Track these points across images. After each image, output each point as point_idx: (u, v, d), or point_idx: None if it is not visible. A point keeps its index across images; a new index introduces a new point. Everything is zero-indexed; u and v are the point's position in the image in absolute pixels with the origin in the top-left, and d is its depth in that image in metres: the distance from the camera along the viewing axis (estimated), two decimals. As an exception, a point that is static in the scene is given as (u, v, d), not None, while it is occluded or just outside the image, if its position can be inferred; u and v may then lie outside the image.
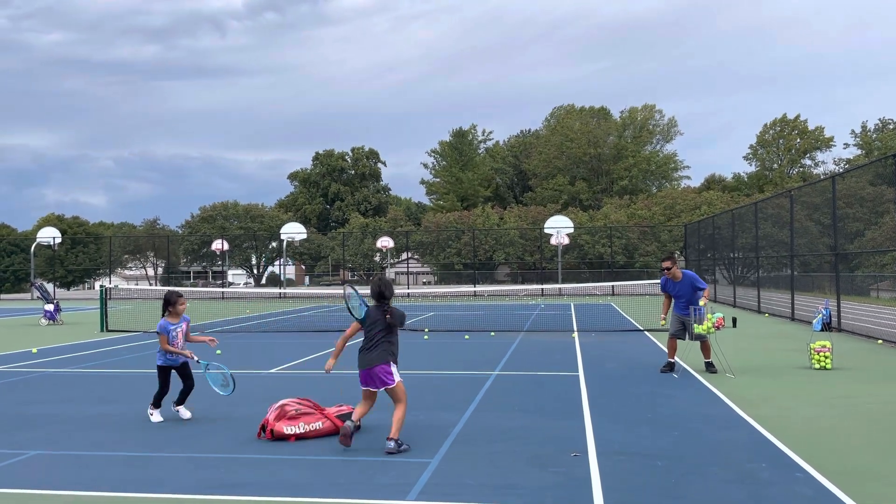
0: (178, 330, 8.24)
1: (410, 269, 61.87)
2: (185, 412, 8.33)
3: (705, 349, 11.34)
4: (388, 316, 6.96)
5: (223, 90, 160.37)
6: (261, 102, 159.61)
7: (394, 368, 6.88)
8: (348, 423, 6.83)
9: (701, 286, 11.18)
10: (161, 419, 8.15)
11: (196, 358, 8.19)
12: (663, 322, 11.67)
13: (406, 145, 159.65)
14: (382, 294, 7.10)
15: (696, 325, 10.99)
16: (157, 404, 8.30)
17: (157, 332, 8.17)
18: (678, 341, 11.53)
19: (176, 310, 8.27)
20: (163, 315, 8.27)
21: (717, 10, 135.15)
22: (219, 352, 14.69)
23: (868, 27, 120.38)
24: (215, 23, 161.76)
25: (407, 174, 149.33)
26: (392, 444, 6.65)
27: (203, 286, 72.41)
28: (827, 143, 72.32)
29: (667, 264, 11.30)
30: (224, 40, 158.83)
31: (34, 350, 15.57)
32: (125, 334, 19.17)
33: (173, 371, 8.37)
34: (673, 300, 11.52)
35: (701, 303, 11.00)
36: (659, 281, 11.88)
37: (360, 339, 7.08)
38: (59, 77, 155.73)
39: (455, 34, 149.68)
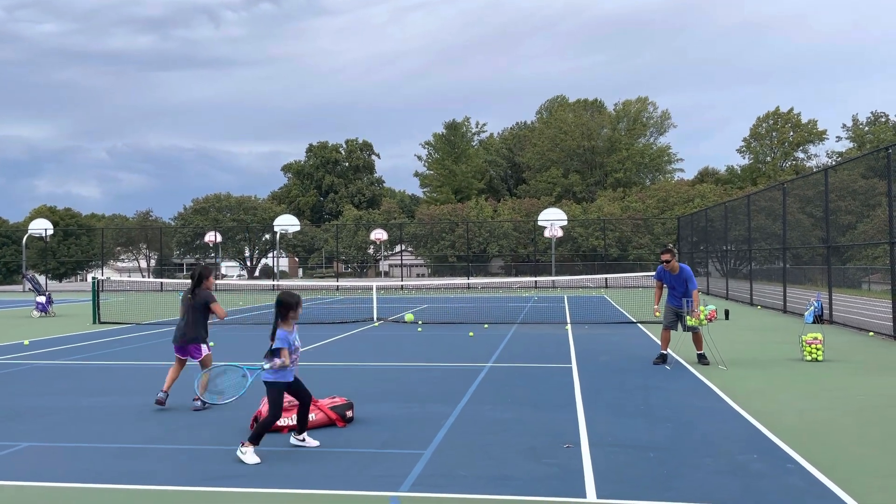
0: (296, 338, 6.57)
1: (404, 262, 61.84)
2: (312, 440, 6.74)
3: (697, 341, 11.40)
4: (190, 298, 8.49)
5: (218, 81, 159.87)
6: (256, 94, 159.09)
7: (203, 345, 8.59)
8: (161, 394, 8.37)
9: (693, 286, 11.24)
10: (258, 460, 6.18)
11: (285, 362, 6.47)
12: (658, 314, 11.71)
13: (401, 137, 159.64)
14: (200, 279, 8.52)
15: (688, 318, 11.04)
16: (258, 440, 6.35)
17: (277, 349, 6.38)
18: (671, 332, 11.58)
19: (296, 315, 6.55)
20: (278, 321, 6.49)
21: (712, 4, 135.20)
22: (212, 343, 14.66)
23: (862, 22, 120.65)
24: (210, 13, 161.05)
25: (402, 166, 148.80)
26: (199, 402, 8.19)
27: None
28: (820, 137, 72.47)
29: (666, 257, 11.41)
30: (219, 31, 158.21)
31: (26, 342, 15.51)
32: (117, 326, 19.10)
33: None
34: (667, 291, 11.61)
35: (696, 311, 11.06)
36: (653, 273, 11.96)
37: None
38: (53, 68, 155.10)
39: (453, 26, 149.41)
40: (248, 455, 6.20)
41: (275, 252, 57.14)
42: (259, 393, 8.52)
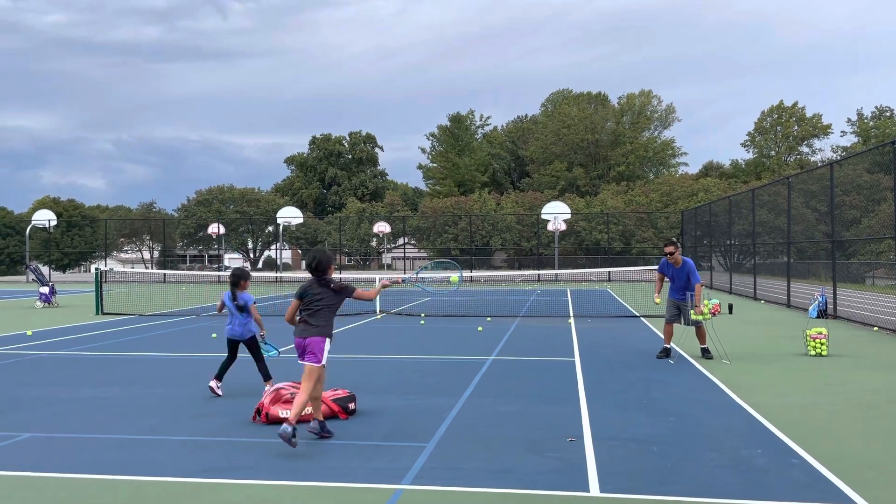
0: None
1: (407, 255, 61.86)
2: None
3: (701, 335, 11.36)
4: (332, 287, 6.73)
5: (223, 73, 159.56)
6: (261, 86, 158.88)
7: (326, 345, 6.75)
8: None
9: (696, 280, 11.20)
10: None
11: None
12: (658, 300, 11.64)
13: (405, 130, 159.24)
14: (318, 266, 6.81)
15: (692, 312, 11.01)
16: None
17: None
18: (674, 326, 11.54)
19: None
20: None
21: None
22: (214, 335, 14.68)
23: (867, 16, 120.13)
24: (217, 5, 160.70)
25: (406, 159, 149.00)
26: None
27: (199, 270, 72.32)
28: (824, 131, 72.22)
29: (670, 249, 11.34)
30: (226, 22, 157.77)
31: (29, 332, 15.53)
32: (120, 317, 19.12)
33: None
34: (668, 284, 11.57)
35: (699, 306, 11.02)
36: (656, 266, 11.92)
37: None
38: (58, 58, 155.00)
39: (458, 19, 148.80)
40: None
41: (278, 244, 57.17)
42: (260, 385, 8.51)
